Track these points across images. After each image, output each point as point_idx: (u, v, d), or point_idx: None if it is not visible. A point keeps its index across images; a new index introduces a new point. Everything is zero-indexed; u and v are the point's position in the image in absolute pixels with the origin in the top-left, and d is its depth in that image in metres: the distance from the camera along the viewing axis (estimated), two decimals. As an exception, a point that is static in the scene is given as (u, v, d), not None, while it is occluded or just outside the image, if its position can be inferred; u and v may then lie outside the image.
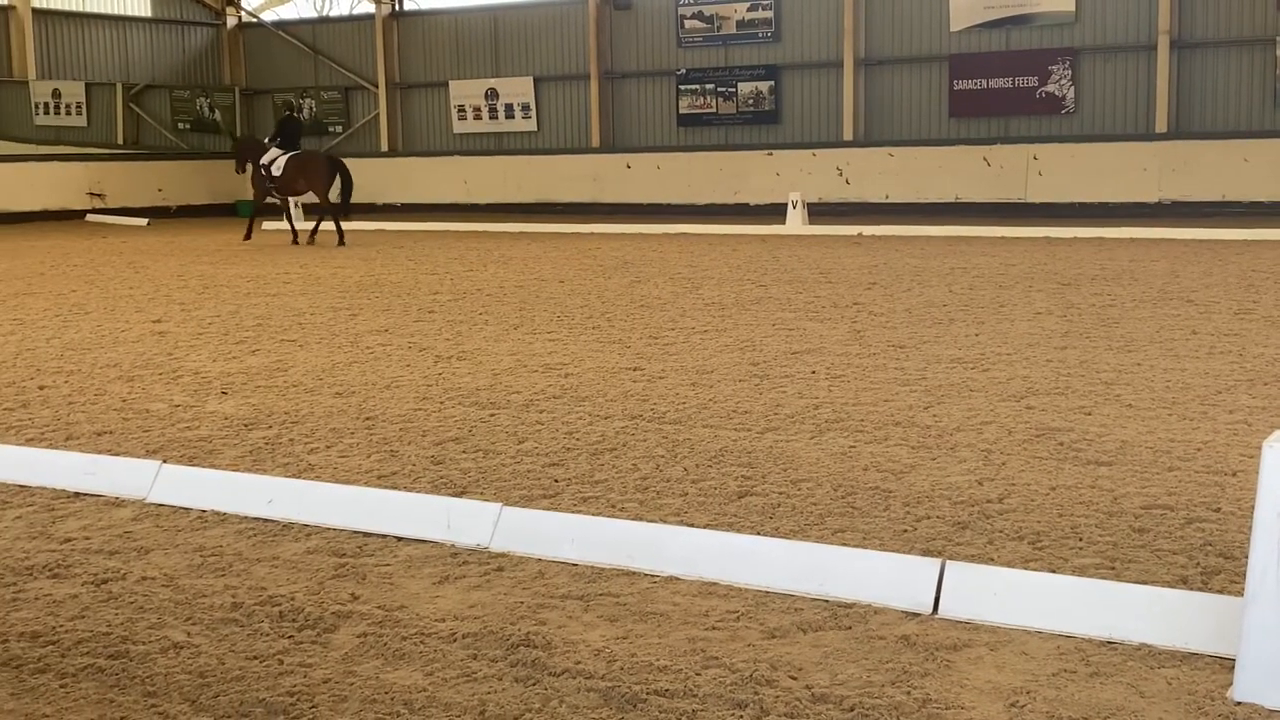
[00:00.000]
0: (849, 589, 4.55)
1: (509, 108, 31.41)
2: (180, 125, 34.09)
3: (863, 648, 4.12)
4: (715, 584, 4.71)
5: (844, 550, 4.85)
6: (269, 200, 22.85)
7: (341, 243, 21.21)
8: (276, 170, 21.97)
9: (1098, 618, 4.20)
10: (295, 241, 22.09)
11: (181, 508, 5.85)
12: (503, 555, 5.11)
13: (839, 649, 4.11)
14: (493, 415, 7.70)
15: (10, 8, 29.20)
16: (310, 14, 35.08)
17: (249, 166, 22.67)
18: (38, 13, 29.76)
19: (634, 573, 4.85)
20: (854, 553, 4.80)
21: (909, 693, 3.78)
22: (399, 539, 5.34)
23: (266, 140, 22.85)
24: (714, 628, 4.32)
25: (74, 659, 4.10)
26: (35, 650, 4.18)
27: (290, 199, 23.04)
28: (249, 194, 32.73)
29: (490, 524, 5.26)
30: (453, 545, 5.23)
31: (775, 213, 24.92)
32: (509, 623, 4.37)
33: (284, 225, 23.34)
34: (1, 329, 11.76)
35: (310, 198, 22.50)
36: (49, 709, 3.74)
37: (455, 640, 4.23)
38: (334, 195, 21.95)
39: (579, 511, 5.54)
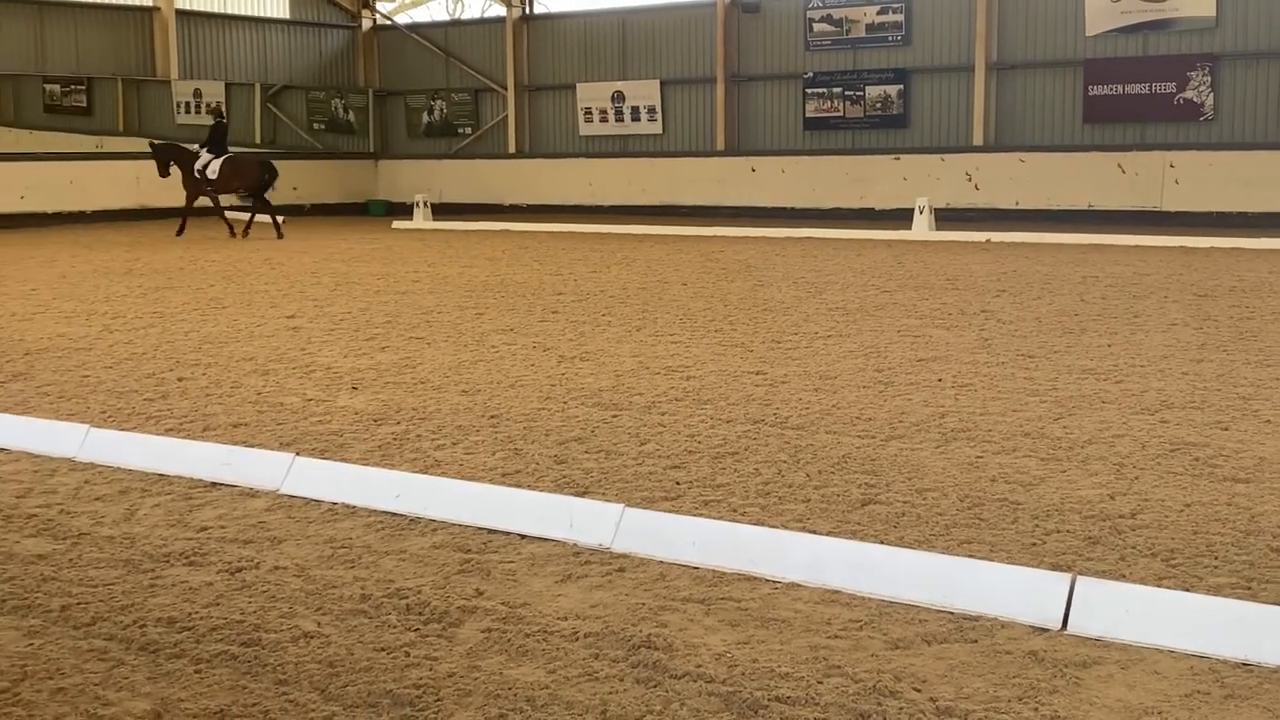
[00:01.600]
0: (975, 601, 4.48)
1: (635, 110, 31.53)
2: (315, 125, 34.84)
3: (989, 662, 4.06)
4: (838, 592, 4.68)
5: (970, 562, 4.77)
6: (198, 202, 24.25)
7: (280, 235, 23.45)
8: (212, 173, 23.80)
9: (1233, 638, 4.08)
10: (233, 235, 23.81)
11: (313, 500, 5.98)
12: (624, 556, 5.13)
13: (964, 662, 4.06)
14: (615, 416, 7.74)
15: (155, 9, 30.14)
16: (443, 17, 35.61)
17: (171, 169, 24.15)
18: (181, 14, 30.68)
19: (755, 578, 4.84)
20: (981, 565, 4.73)
21: (1036, 709, 3.72)
22: (522, 536, 5.39)
23: (198, 146, 24.28)
24: (836, 636, 4.29)
25: (208, 645, 4.22)
26: (171, 635, 4.31)
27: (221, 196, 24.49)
28: (380, 194, 33.50)
29: (612, 525, 5.29)
30: (575, 544, 5.27)
31: (901, 218, 24.65)
32: (630, 624, 4.39)
33: (411, 225, 23.73)
34: (142, 322, 12.13)
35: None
36: (184, 693, 3.85)
37: (577, 639, 4.26)
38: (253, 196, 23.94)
39: (701, 515, 5.54)
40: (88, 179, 28.60)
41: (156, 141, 24.80)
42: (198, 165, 23.89)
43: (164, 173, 24.28)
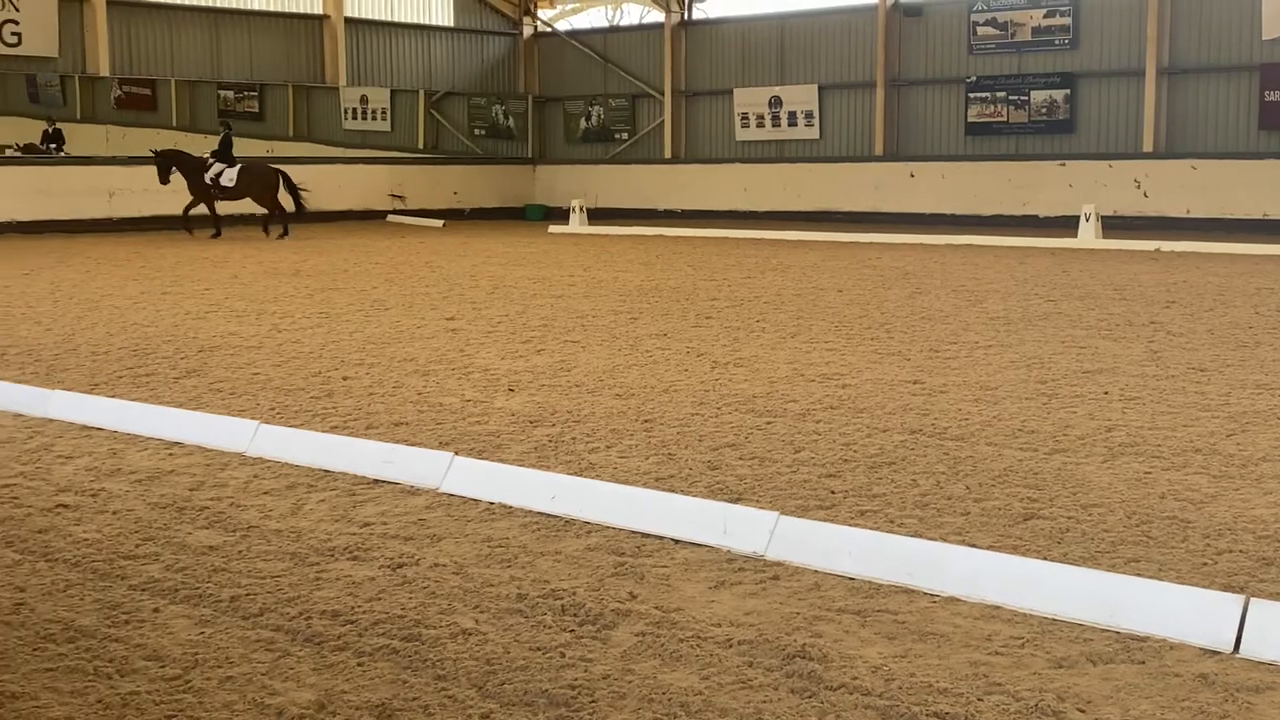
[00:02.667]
0: (1142, 622, 4.34)
1: (792, 115, 31.38)
2: (476, 131, 35.46)
3: (1157, 684, 3.93)
4: (998, 608, 4.57)
5: (1138, 581, 4.62)
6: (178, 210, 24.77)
7: (285, 234, 24.91)
8: (228, 181, 24.54)
9: None
10: (218, 235, 24.58)
11: (471, 499, 6.07)
12: (778, 564, 5.09)
13: (1131, 683, 3.93)
14: (769, 423, 7.70)
15: (325, 18, 31.00)
16: (602, 23, 35.93)
17: (173, 175, 24.68)
18: (350, 22, 31.50)
19: (913, 591, 4.76)
20: (1149, 584, 4.57)
21: (1207, 736, 3.58)
22: (675, 541, 5.39)
23: (208, 155, 24.84)
24: (997, 653, 4.19)
25: (370, 639, 4.31)
26: (335, 628, 4.41)
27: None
28: (537, 198, 33.92)
29: (766, 532, 5.26)
30: (728, 551, 5.25)
31: (1066, 225, 24.06)
32: (785, 633, 4.35)
33: (567, 229, 23.96)
34: (309, 322, 12.48)
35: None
36: (347, 685, 3.94)
37: (731, 646, 4.24)
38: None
39: (856, 525, 5.47)
40: (258, 183, 29.51)
41: (158, 149, 25.21)
42: (210, 173, 24.56)
43: (165, 179, 24.74)
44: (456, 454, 6.50)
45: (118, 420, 7.74)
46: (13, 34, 25.79)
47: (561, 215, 29.76)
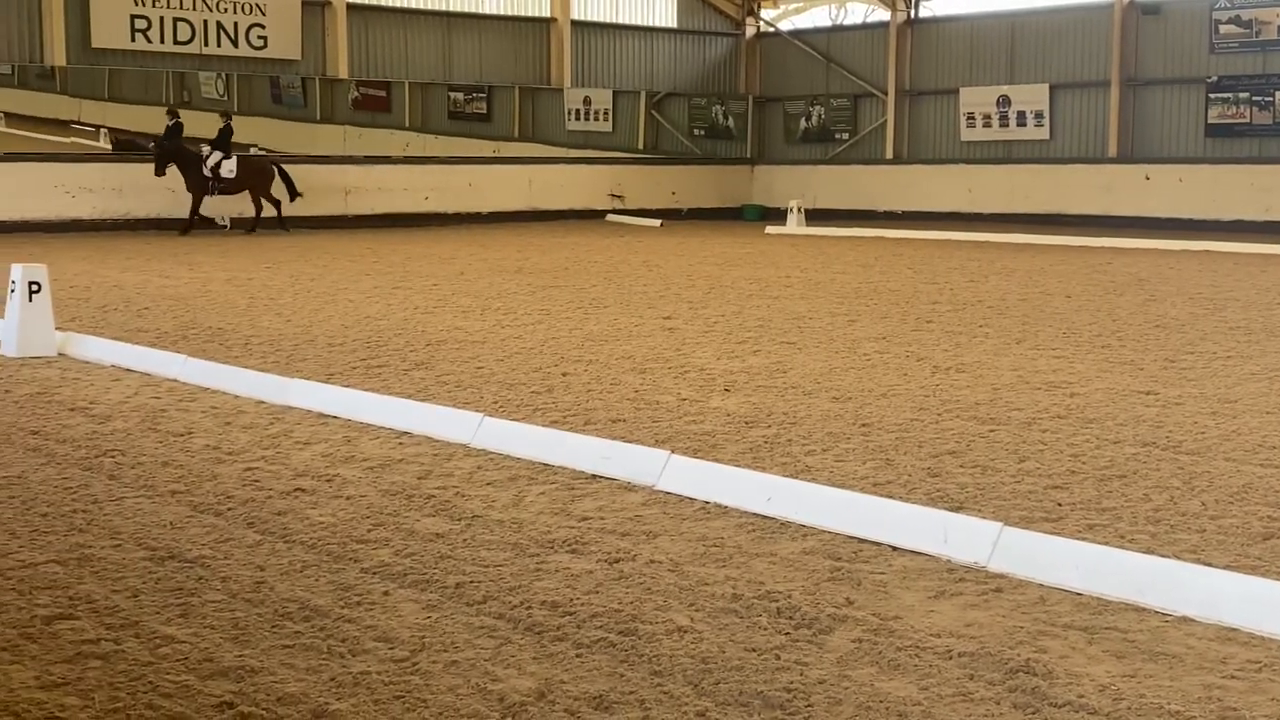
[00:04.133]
0: (1396, 654, 4.08)
1: (1021, 115, 30.55)
2: (696, 131, 35.64)
3: None
4: (1235, 630, 4.37)
5: (1391, 610, 4.35)
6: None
7: (284, 228, 24.81)
8: (228, 172, 24.05)
9: None
10: (185, 234, 23.96)
11: (686, 497, 6.11)
12: (1001, 576, 4.97)
13: (1383, 720, 3.70)
14: (992, 431, 7.52)
15: (552, 20, 31.62)
16: (825, 23, 35.66)
17: (169, 169, 24.28)
18: (576, 25, 32.06)
19: (1143, 609, 4.58)
20: (1402, 614, 4.30)
21: None
22: (893, 548, 5.32)
23: (206, 145, 24.37)
24: (1233, 676, 4.00)
25: (588, 631, 4.38)
26: (555, 619, 4.50)
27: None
28: (754, 199, 33.91)
29: (989, 543, 5.14)
30: (948, 560, 5.15)
31: (1313, 232, 22.80)
32: (1008, 646, 4.24)
33: (784, 230, 23.86)
34: (531, 318, 12.75)
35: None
36: (566, 675, 4.01)
37: (951, 657, 4.16)
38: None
39: (1084, 539, 5.29)
40: (484, 182, 30.38)
41: (158, 139, 24.82)
42: (209, 164, 24.25)
43: (161, 172, 24.59)
44: (673, 452, 6.54)
45: (351, 409, 8.06)
46: (259, 37, 27.08)
47: (779, 216, 29.66)
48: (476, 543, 5.42)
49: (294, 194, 25.32)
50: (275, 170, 25.45)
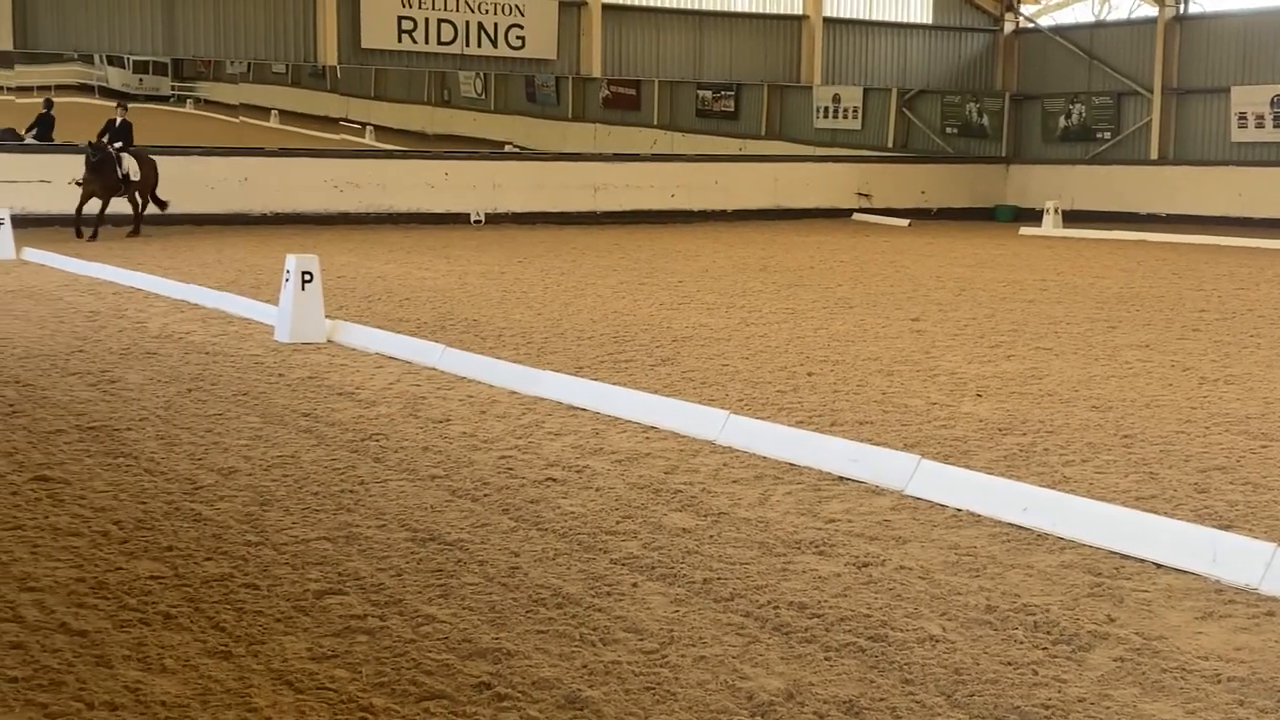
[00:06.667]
0: None
1: (1297, 115, 28.84)
2: (948, 130, 34.92)
3: None
4: None
5: None
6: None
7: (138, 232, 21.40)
8: (136, 175, 21.10)
9: None
10: (84, 236, 20.55)
11: (937, 504, 6.00)
12: (1274, 599, 4.71)
13: None
14: (1264, 447, 7.13)
15: (804, 18, 31.46)
16: (1087, 18, 34.42)
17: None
18: (828, 22, 31.80)
19: None
20: None
21: None
22: (1157, 566, 5.10)
23: (112, 146, 21.11)
24: None
25: (836, 634, 4.34)
26: (802, 620, 4.48)
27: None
28: (1008, 199, 33.01)
29: (1262, 564, 4.87)
30: (1217, 581, 4.91)
31: None
32: (1283, 675, 4.02)
33: (1039, 231, 23.13)
34: (776, 317, 12.73)
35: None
36: (815, 678, 3.99)
37: (1219, 682, 3.96)
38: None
39: (1369, 566, 4.96)
40: (731, 179, 30.46)
41: (94, 142, 21.01)
42: (122, 169, 21.00)
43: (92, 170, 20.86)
44: (923, 457, 6.43)
45: (600, 402, 8.20)
46: (517, 38, 27.83)
47: (1033, 217, 28.79)
48: (723, 539, 5.44)
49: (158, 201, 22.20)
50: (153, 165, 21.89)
